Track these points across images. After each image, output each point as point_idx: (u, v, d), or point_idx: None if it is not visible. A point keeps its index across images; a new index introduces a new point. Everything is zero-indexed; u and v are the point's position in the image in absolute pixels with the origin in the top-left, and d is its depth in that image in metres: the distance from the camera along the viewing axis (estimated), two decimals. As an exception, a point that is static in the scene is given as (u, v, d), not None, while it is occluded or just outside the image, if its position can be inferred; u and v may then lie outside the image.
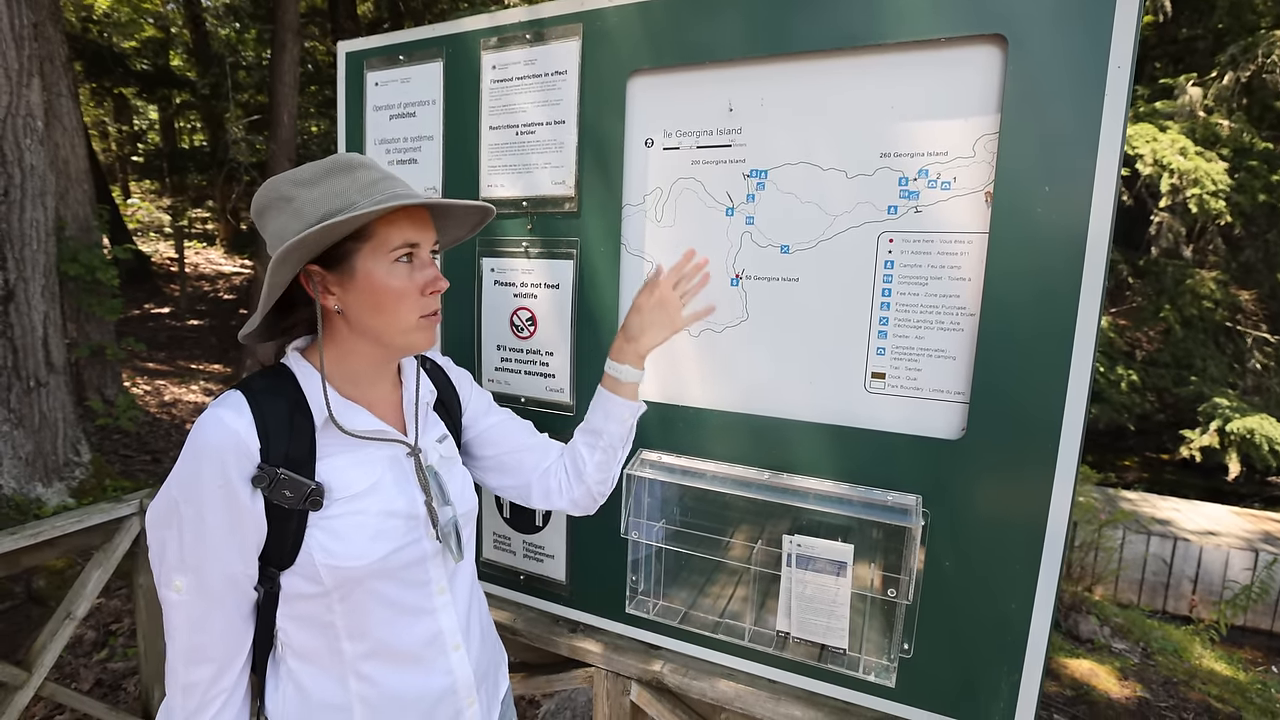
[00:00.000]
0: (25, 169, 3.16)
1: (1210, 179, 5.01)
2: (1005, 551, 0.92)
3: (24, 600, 2.65)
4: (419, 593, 0.80)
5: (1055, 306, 0.86)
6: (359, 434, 0.77)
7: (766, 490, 1.02)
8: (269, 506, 0.71)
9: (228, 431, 0.70)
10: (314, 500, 0.72)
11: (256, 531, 0.71)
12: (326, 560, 0.72)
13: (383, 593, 0.77)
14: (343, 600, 0.75)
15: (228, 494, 0.69)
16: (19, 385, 3.20)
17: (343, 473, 0.76)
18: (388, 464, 0.80)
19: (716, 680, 1.11)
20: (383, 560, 0.75)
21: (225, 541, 0.70)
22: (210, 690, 0.73)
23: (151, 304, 8.90)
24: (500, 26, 1.20)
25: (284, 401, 0.74)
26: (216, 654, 0.73)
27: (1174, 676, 2.79)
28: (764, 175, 1.03)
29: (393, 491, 0.79)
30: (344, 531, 0.74)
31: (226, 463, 0.69)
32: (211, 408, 0.72)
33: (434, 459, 0.86)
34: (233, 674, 0.74)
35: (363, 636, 0.76)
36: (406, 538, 0.78)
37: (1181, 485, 5.84)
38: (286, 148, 5.80)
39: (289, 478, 0.71)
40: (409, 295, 0.75)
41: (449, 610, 0.83)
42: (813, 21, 0.95)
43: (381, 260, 0.75)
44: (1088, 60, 0.81)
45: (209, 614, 0.72)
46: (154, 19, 10.91)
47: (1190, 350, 5.94)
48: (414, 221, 0.77)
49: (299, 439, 0.73)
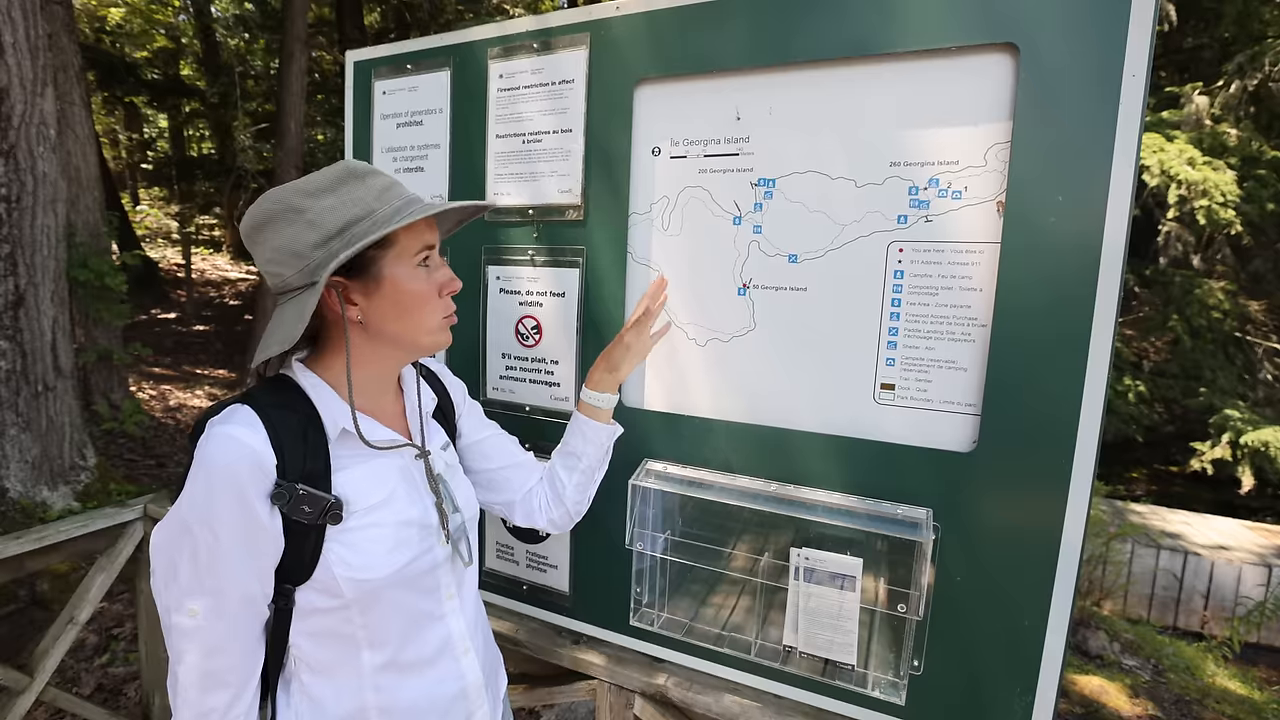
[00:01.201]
0: (38, 176, 3.19)
1: (1218, 189, 4.99)
2: (1018, 567, 0.90)
3: (28, 604, 2.64)
4: (431, 599, 0.81)
5: (1069, 317, 0.84)
6: (379, 445, 0.78)
7: (773, 502, 1.01)
8: (286, 523, 0.70)
9: (243, 448, 0.67)
10: (333, 515, 0.71)
11: (274, 549, 0.70)
12: (347, 573, 0.72)
13: (400, 602, 0.78)
14: (363, 612, 0.74)
15: (245, 513, 0.67)
16: (27, 389, 3.22)
17: (358, 485, 0.76)
18: (399, 474, 0.81)
19: (721, 694, 1.10)
20: (402, 570, 0.76)
21: (243, 562, 0.68)
22: (226, 716, 0.71)
23: (158, 309, 8.96)
24: (507, 36, 1.20)
25: (295, 415, 0.73)
26: (234, 679, 0.71)
27: (1186, 695, 2.74)
28: (772, 184, 1.02)
29: (406, 501, 0.80)
30: (363, 544, 0.74)
31: (242, 481, 0.67)
32: (218, 425, 0.69)
33: (440, 466, 0.87)
34: (248, 697, 0.73)
35: (383, 646, 0.77)
36: (422, 545, 0.79)
37: (1192, 498, 5.77)
38: (293, 156, 5.85)
39: (307, 493, 0.69)
40: (431, 298, 0.79)
41: (458, 615, 0.84)
42: (821, 30, 0.95)
43: (405, 265, 0.76)
44: (1101, 68, 0.81)
45: (227, 638, 0.70)
46: (165, 30, 11.08)
47: (1199, 361, 5.89)
48: (429, 225, 0.79)
49: (314, 453, 0.72)
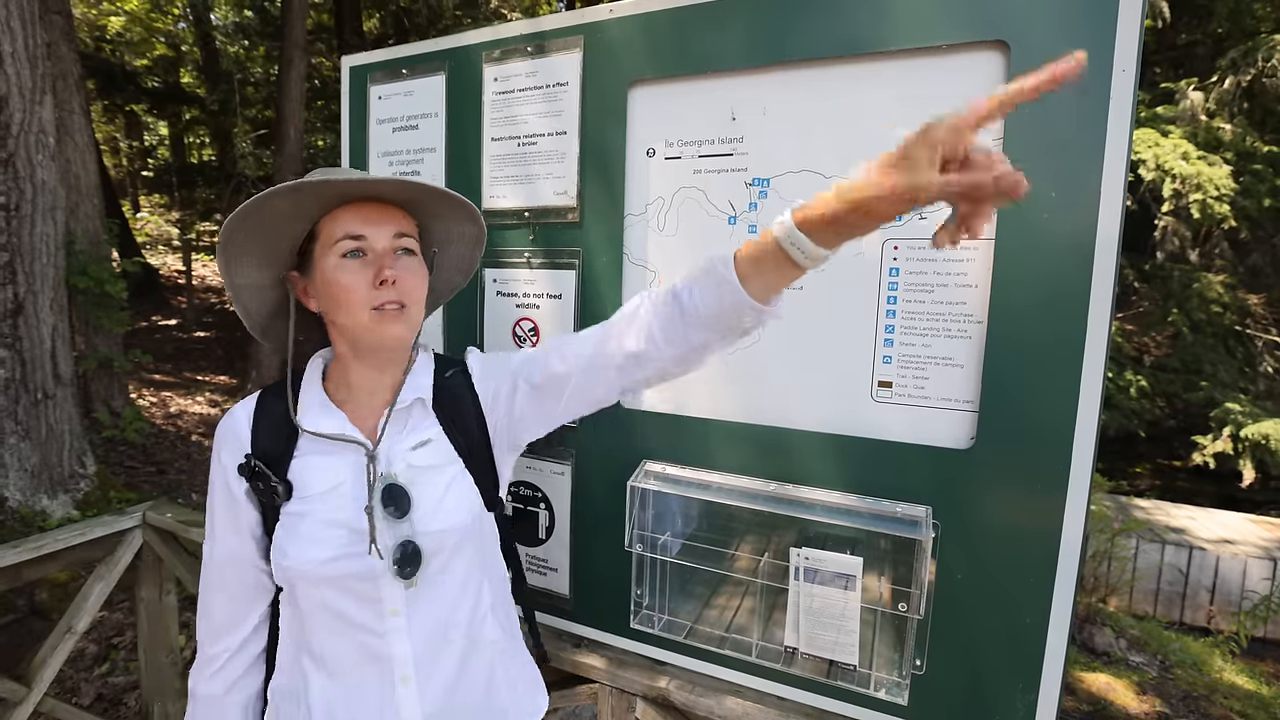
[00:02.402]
0: (37, 184, 3.20)
1: (1213, 183, 4.99)
2: (1019, 563, 0.90)
3: (26, 614, 2.64)
4: (369, 611, 0.76)
5: (1064, 312, 0.84)
6: (315, 434, 0.78)
7: (773, 502, 1.01)
8: (257, 497, 0.78)
9: (232, 422, 0.80)
10: (274, 494, 0.76)
11: (248, 515, 0.79)
12: (277, 556, 0.76)
13: (328, 601, 0.76)
14: (290, 597, 0.79)
15: (222, 477, 0.79)
16: (26, 397, 3.22)
17: (308, 473, 0.77)
18: (351, 470, 0.77)
19: (724, 697, 1.09)
20: (320, 566, 0.74)
21: (225, 518, 0.80)
22: (210, 650, 0.83)
23: (159, 316, 8.97)
24: (502, 39, 1.20)
25: (283, 402, 0.80)
26: (217, 618, 0.82)
27: (1194, 691, 2.73)
28: (766, 184, 1.02)
29: (347, 499, 0.76)
30: (294, 531, 0.76)
31: (226, 448, 0.79)
32: (237, 402, 0.83)
33: (398, 467, 0.78)
34: (231, 641, 0.82)
35: (310, 636, 0.78)
36: (348, 548, 0.74)
37: (1195, 492, 5.76)
38: (292, 161, 5.86)
39: (261, 471, 0.76)
40: (357, 289, 0.73)
41: (401, 636, 0.76)
42: (814, 29, 0.95)
43: (330, 255, 0.75)
44: (1091, 64, 0.81)
45: (215, 581, 0.82)
46: (165, 38, 11.11)
47: (1200, 355, 5.89)
48: (360, 214, 0.75)
49: (278, 437, 0.78)
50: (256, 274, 0.80)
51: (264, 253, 0.78)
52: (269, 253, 0.78)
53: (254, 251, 0.77)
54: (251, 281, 0.80)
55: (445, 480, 0.81)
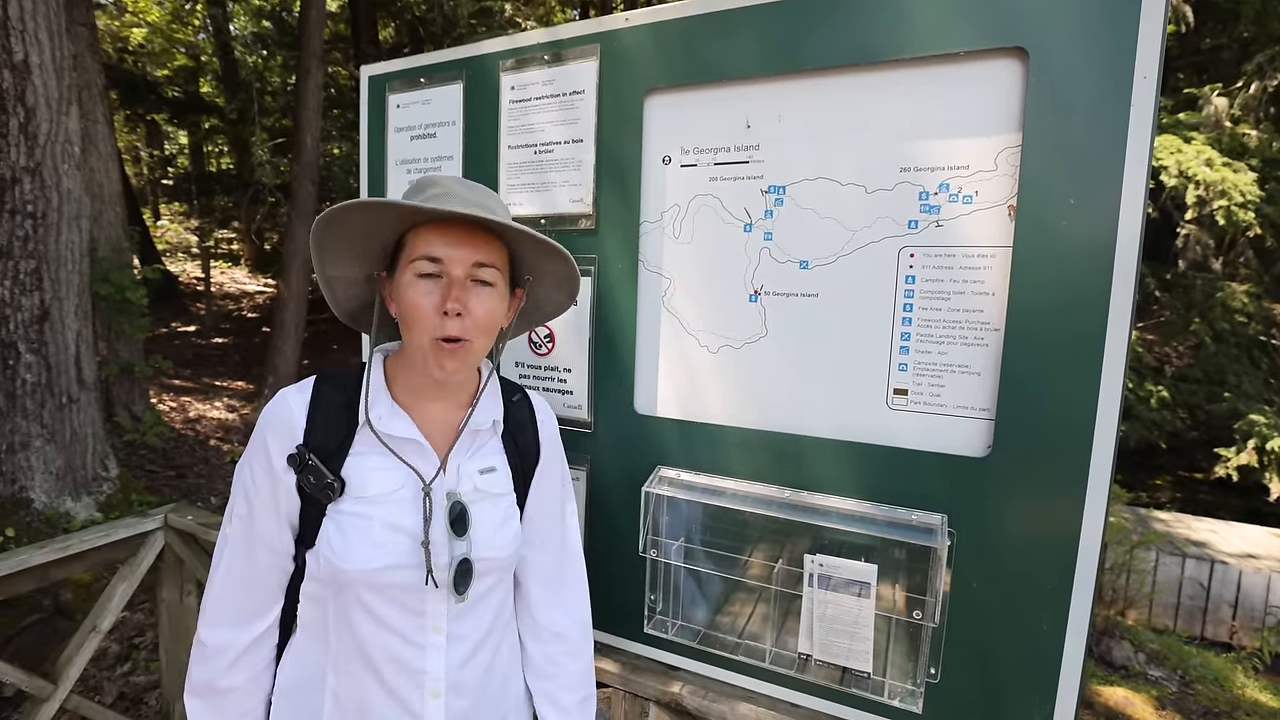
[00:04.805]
0: (63, 193, 3.28)
1: (1237, 190, 4.91)
2: (1035, 573, 0.89)
3: (52, 613, 2.69)
4: (411, 622, 0.76)
5: (1083, 320, 0.84)
6: (384, 435, 0.78)
7: (787, 508, 1.01)
8: (301, 487, 0.76)
9: (284, 408, 0.77)
10: (327, 491, 0.75)
11: (289, 502, 0.76)
12: (327, 554, 0.75)
13: (370, 605, 0.75)
14: (336, 595, 0.77)
15: (267, 462, 0.76)
16: (52, 401, 3.29)
17: (366, 474, 0.77)
18: (411, 478, 0.78)
19: (736, 703, 1.09)
20: (375, 572, 0.74)
21: (265, 502, 0.76)
22: (224, 635, 0.78)
23: (178, 322, 9.13)
24: (519, 48, 1.22)
25: (343, 394, 0.79)
26: (239, 603, 0.78)
27: (1215, 707, 2.67)
28: (782, 191, 1.03)
29: (408, 507, 0.76)
30: (348, 531, 0.75)
31: (275, 434, 0.76)
32: (289, 386, 0.80)
33: (464, 487, 0.80)
34: (252, 630, 0.78)
35: (348, 635, 0.77)
36: (408, 558, 0.75)
37: (1217, 505, 5.63)
38: (309, 170, 5.96)
39: (314, 465, 0.74)
40: (423, 312, 0.73)
41: (439, 652, 0.77)
42: (829, 37, 0.96)
43: (407, 271, 0.76)
44: (1112, 71, 0.80)
45: (240, 564, 0.78)
46: (185, 48, 11.37)
47: (1223, 365, 5.77)
48: (444, 236, 0.74)
49: (336, 431, 0.77)
50: (349, 269, 0.82)
51: (355, 253, 0.81)
52: (359, 253, 0.81)
53: (345, 251, 0.80)
54: (343, 275, 0.83)
55: (503, 509, 0.83)
